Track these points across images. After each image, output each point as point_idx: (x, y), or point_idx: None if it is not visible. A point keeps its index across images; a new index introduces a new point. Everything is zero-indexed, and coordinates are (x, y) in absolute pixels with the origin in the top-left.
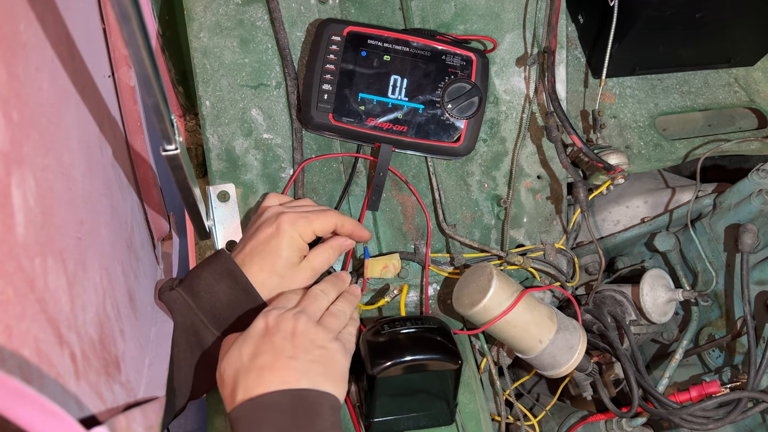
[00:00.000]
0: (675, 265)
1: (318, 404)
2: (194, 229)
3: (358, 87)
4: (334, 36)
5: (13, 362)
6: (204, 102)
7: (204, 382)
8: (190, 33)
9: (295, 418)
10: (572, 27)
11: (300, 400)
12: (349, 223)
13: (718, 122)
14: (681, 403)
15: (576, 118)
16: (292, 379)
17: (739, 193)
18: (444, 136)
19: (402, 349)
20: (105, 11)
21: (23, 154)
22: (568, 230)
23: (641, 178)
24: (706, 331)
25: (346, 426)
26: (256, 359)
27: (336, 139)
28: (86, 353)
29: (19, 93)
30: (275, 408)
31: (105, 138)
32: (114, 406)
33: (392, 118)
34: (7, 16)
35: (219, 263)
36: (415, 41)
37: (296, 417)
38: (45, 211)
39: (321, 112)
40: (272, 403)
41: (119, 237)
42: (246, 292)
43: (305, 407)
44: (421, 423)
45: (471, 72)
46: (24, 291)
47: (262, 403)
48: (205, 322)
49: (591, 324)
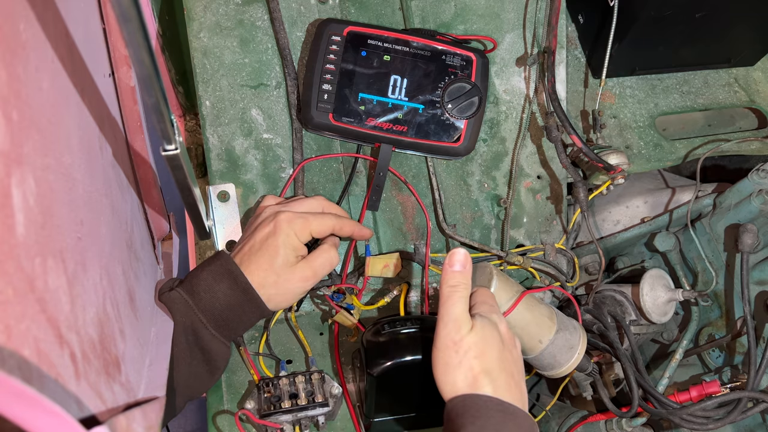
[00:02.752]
0: (675, 265)
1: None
2: (194, 229)
3: (358, 87)
4: (334, 36)
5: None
6: (204, 102)
7: (203, 382)
8: (190, 33)
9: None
10: (572, 27)
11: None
12: (348, 225)
13: (718, 122)
14: (681, 403)
15: (576, 118)
16: (521, 404)
17: (739, 193)
18: (444, 136)
19: (402, 349)
20: (105, 11)
21: (23, 154)
22: (568, 230)
23: (641, 178)
24: (706, 331)
25: (347, 426)
26: (505, 364)
27: (336, 139)
28: (86, 353)
29: (19, 93)
30: (518, 421)
31: (105, 138)
32: (114, 406)
33: (392, 118)
34: (7, 16)
35: (219, 264)
36: (415, 41)
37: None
38: (45, 211)
39: (321, 112)
40: (516, 414)
41: (119, 237)
42: (245, 292)
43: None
44: (420, 423)
45: (471, 72)
46: (24, 291)
47: (512, 412)
48: (204, 322)
49: (591, 324)
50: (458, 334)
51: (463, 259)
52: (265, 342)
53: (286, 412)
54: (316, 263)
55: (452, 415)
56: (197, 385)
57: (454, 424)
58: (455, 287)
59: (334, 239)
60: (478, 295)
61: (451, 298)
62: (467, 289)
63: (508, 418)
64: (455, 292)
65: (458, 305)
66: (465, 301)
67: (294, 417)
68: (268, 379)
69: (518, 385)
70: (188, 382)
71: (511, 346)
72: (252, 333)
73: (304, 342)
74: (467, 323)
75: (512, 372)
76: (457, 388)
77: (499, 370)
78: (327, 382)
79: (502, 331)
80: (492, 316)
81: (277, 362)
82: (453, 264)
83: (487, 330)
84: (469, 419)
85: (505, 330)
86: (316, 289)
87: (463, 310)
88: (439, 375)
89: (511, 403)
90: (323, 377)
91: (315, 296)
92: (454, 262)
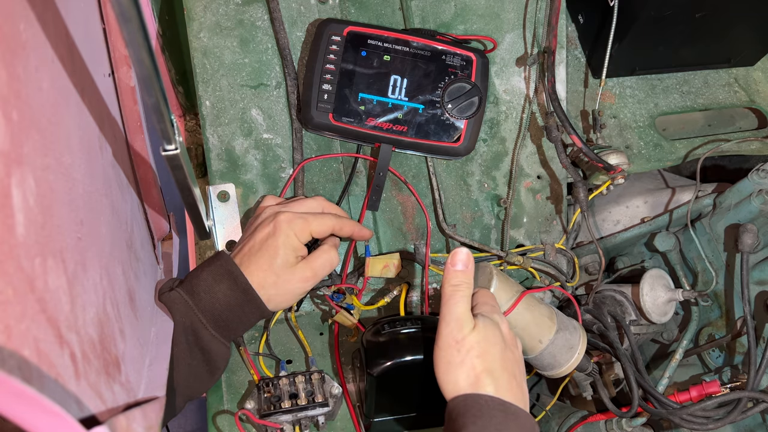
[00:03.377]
0: (675, 265)
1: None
2: (194, 229)
3: (358, 87)
4: (334, 36)
5: (13, 362)
6: (204, 102)
7: (203, 382)
8: (190, 33)
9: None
10: (572, 27)
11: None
12: (348, 225)
13: (718, 122)
14: (681, 403)
15: (576, 118)
16: (523, 404)
17: (739, 193)
18: (444, 136)
19: (402, 349)
20: (105, 11)
21: (23, 154)
22: (568, 230)
23: (641, 178)
24: (706, 331)
25: (347, 426)
26: (507, 364)
27: (336, 138)
28: (86, 353)
29: (19, 93)
30: (519, 421)
31: (105, 138)
32: (114, 406)
33: (392, 118)
34: (7, 16)
35: (219, 264)
36: (415, 41)
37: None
38: (45, 211)
39: (321, 112)
40: (518, 415)
41: (119, 237)
42: (245, 293)
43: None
44: (421, 423)
45: (471, 72)
46: (24, 291)
47: (513, 412)
48: (204, 322)
49: (591, 324)
50: (460, 333)
51: (466, 258)
52: (265, 342)
53: (286, 412)
54: (316, 264)
55: (453, 415)
56: (197, 386)
57: (456, 423)
58: (457, 286)
59: (334, 240)
60: (480, 296)
61: (453, 297)
62: (469, 289)
63: (510, 418)
64: (457, 291)
65: (461, 304)
66: (467, 300)
67: (294, 417)
68: (268, 379)
69: (520, 386)
70: (188, 382)
71: (513, 347)
72: (252, 333)
73: (304, 342)
74: (469, 322)
75: (514, 372)
76: (458, 387)
77: (501, 370)
78: (327, 382)
79: (504, 331)
80: (494, 316)
81: (277, 362)
82: (455, 263)
83: (489, 330)
84: (471, 419)
85: (507, 330)
86: (316, 289)
87: (466, 309)
88: (441, 374)
89: (512, 403)
90: (323, 377)
91: (315, 296)
92: (457, 262)
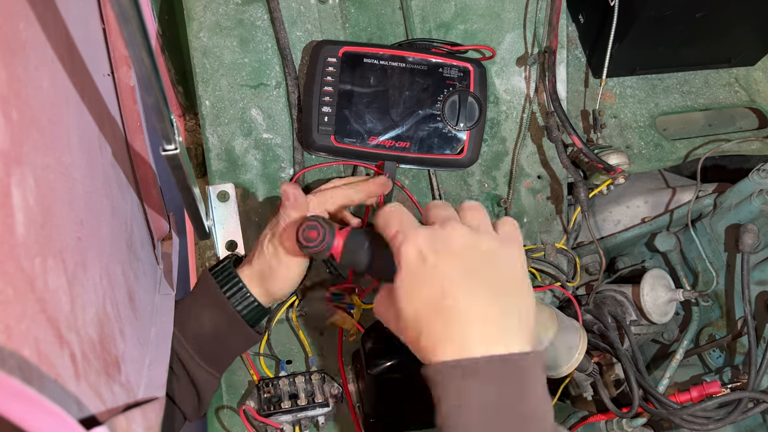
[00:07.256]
0: (675, 265)
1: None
2: (194, 229)
3: (357, 107)
4: (330, 57)
5: (13, 362)
6: (204, 102)
7: (195, 411)
8: (190, 33)
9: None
10: (573, 27)
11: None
12: (356, 194)
13: (719, 122)
14: (681, 403)
15: (576, 118)
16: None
17: (739, 193)
18: (447, 148)
19: (402, 349)
20: (105, 11)
21: (23, 153)
22: (568, 230)
23: (642, 178)
24: (706, 331)
25: (347, 426)
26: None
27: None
28: (86, 353)
29: (19, 93)
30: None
31: (105, 138)
32: (114, 407)
33: (394, 135)
34: (7, 16)
35: (204, 291)
36: (411, 56)
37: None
38: (45, 211)
39: (323, 135)
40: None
41: (119, 237)
42: (229, 321)
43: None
44: (421, 423)
45: (469, 82)
46: (24, 291)
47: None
48: (192, 353)
49: (591, 324)
50: None
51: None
52: (265, 342)
53: (286, 413)
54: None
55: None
56: (185, 411)
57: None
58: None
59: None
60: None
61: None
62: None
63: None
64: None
65: None
66: None
67: (294, 417)
68: (268, 379)
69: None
70: (181, 410)
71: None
72: None
73: (304, 342)
74: None
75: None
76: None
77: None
78: (327, 383)
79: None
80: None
81: (277, 362)
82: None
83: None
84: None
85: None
86: (316, 290)
87: None
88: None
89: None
90: (323, 377)
91: (315, 296)
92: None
